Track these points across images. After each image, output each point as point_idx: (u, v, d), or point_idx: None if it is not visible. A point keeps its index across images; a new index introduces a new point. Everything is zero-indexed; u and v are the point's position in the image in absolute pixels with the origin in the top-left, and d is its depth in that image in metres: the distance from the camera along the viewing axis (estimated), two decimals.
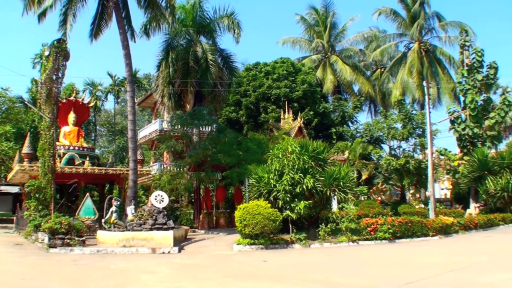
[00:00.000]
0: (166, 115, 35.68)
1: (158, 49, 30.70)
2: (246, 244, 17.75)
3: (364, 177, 37.82)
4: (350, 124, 45.90)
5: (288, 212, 18.98)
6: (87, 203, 23.24)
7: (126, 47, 24.28)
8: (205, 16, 31.49)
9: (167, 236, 17.72)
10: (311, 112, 39.59)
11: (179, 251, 17.31)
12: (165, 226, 18.82)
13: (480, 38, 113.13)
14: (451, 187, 43.68)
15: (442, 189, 59.89)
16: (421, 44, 49.61)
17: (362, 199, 35.47)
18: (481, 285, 10.01)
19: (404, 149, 38.14)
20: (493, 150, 34.08)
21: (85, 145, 28.69)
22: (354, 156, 37.57)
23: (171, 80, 29.55)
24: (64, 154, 26.44)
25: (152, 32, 27.91)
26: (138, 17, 66.08)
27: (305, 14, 53.98)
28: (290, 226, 19.47)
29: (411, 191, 39.64)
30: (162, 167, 33.57)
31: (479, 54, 33.34)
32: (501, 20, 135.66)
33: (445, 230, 21.70)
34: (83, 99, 29.99)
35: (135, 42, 26.85)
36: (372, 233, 19.42)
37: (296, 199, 19.06)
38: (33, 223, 21.00)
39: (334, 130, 42.03)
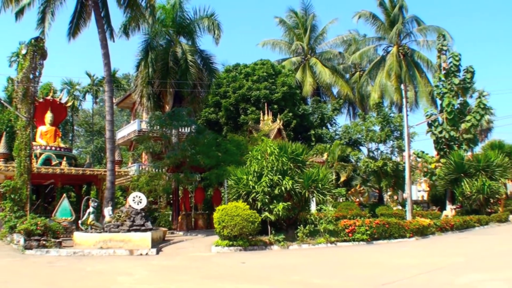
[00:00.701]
0: (145, 116, 35.41)
1: (137, 49, 30.52)
2: (224, 246, 17.73)
3: (342, 179, 38.07)
4: (329, 126, 46.19)
5: (266, 213, 19.01)
6: (64, 204, 22.99)
7: (105, 46, 24.08)
8: (185, 17, 31.32)
9: (145, 238, 17.59)
10: (291, 114, 39.70)
11: (157, 252, 17.21)
12: (143, 228, 18.70)
13: (457, 42, 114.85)
14: (428, 189, 44.23)
15: (419, 191, 60.55)
16: (400, 48, 50.19)
17: (341, 200, 35.65)
18: (457, 286, 10.15)
19: (382, 152, 38.50)
20: (469, 153, 34.54)
21: (62, 145, 28.32)
22: (332, 158, 37.79)
23: (150, 80, 29.32)
24: (40, 154, 26.07)
25: (132, 32, 27.66)
26: (117, 16, 65.65)
27: (284, 17, 54.17)
28: (269, 227, 19.47)
29: (389, 193, 39.98)
30: (140, 168, 33.32)
31: (456, 58, 33.82)
32: (479, 24, 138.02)
33: (421, 232, 21.94)
34: (60, 99, 29.61)
35: (114, 41, 26.66)
36: (350, 234, 19.55)
37: (274, 201, 19.11)
38: (8, 224, 20.67)
39: (313, 132, 42.22)
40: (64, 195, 23.93)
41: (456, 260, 14.28)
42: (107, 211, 20.06)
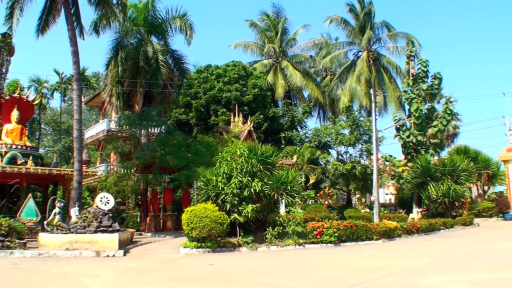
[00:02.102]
0: (114, 115, 35.07)
1: (107, 48, 30.12)
2: (193, 247, 17.64)
3: (311, 181, 38.32)
4: (299, 129, 46.41)
5: (235, 215, 19.00)
6: (29, 204, 22.54)
7: (74, 44, 23.74)
8: (157, 16, 31.17)
9: (112, 239, 17.37)
10: (261, 116, 39.79)
11: (125, 254, 17.01)
12: (110, 229, 18.42)
13: (426, 49, 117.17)
14: (395, 192, 44.94)
15: (387, 194, 61.57)
16: (370, 53, 50.89)
17: (309, 203, 35.88)
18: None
19: (351, 155, 39.00)
20: (435, 157, 35.16)
21: (28, 144, 27.68)
22: (302, 160, 38.03)
23: (120, 79, 29.05)
24: (5, 153, 25.47)
25: (102, 29, 27.35)
26: (88, 13, 64.63)
27: (257, 19, 54.19)
28: (238, 229, 19.45)
29: (357, 196, 40.52)
30: (108, 168, 32.97)
31: (424, 64, 34.43)
32: (446, 30, 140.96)
33: (388, 234, 22.24)
34: (27, 96, 28.95)
35: (83, 39, 26.25)
36: (318, 236, 19.67)
37: (244, 203, 19.11)
38: None
39: (284, 135, 42.39)
40: (30, 195, 23.46)
41: (421, 262, 14.53)
42: (74, 211, 19.71)
